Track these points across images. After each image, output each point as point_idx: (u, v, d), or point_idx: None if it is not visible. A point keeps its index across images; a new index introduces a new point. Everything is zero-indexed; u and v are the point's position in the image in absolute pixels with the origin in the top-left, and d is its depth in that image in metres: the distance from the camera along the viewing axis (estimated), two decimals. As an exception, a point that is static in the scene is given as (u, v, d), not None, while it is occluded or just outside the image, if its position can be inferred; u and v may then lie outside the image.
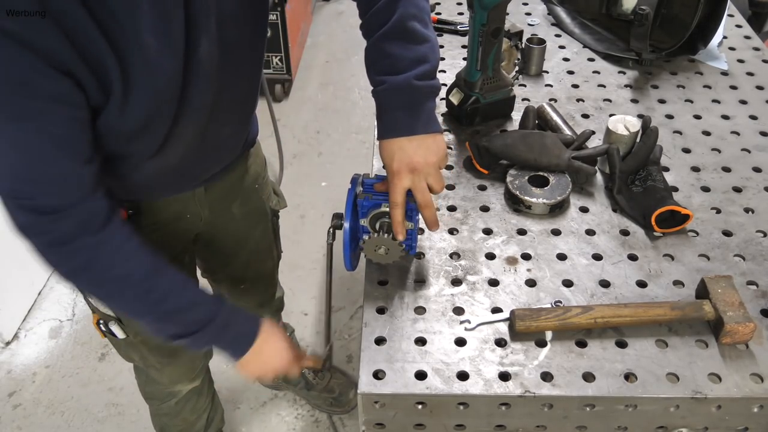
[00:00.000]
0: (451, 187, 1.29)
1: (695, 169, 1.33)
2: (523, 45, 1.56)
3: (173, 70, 0.91)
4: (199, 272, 1.56)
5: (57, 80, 0.80)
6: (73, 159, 0.89)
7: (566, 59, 1.65)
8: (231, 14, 0.96)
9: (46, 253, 0.95)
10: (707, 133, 1.42)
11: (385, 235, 1.06)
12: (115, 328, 1.32)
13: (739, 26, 1.80)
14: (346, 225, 1.06)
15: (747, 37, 1.75)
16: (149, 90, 0.90)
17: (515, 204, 1.24)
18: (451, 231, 1.20)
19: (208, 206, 1.30)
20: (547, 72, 1.60)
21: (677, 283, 1.11)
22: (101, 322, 1.33)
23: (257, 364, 1.14)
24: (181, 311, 1.04)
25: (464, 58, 1.42)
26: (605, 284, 1.11)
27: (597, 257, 1.15)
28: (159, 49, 0.87)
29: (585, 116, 1.47)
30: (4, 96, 0.79)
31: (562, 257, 1.15)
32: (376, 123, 1.06)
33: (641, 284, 1.10)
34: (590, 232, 1.20)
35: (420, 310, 1.07)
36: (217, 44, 0.96)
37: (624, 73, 1.61)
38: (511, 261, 1.14)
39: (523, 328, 1.01)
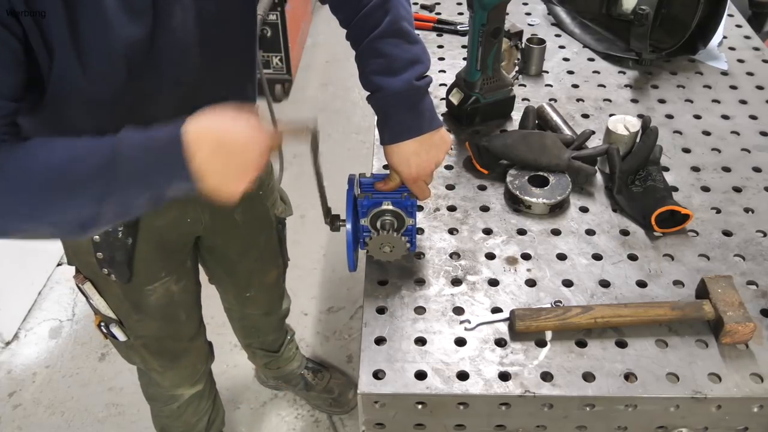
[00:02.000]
0: (451, 187, 1.29)
1: (695, 169, 1.33)
2: (523, 45, 1.56)
3: (136, 34, 0.87)
4: (206, 280, 1.55)
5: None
6: None
7: (566, 59, 1.65)
8: None
9: None
10: (707, 133, 1.42)
11: (389, 232, 1.06)
12: (116, 331, 1.31)
13: (739, 26, 1.80)
14: (349, 226, 1.07)
15: (747, 37, 1.75)
16: (109, 51, 0.85)
17: (515, 204, 1.24)
18: (451, 231, 1.20)
19: (208, 211, 1.28)
20: (547, 72, 1.60)
21: (677, 283, 1.11)
22: (102, 324, 1.32)
23: (231, 172, 0.83)
24: (71, 165, 0.80)
25: (464, 58, 1.42)
26: (605, 284, 1.11)
27: (597, 257, 1.15)
28: (120, 8, 0.83)
29: (585, 116, 1.47)
30: None
31: (562, 257, 1.15)
32: (377, 129, 1.06)
33: (641, 284, 1.10)
34: (590, 232, 1.20)
35: (420, 310, 1.07)
36: (194, 16, 0.93)
37: (624, 73, 1.61)
38: (511, 261, 1.14)
39: (523, 328, 1.01)
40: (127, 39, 0.86)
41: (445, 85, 1.49)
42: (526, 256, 1.15)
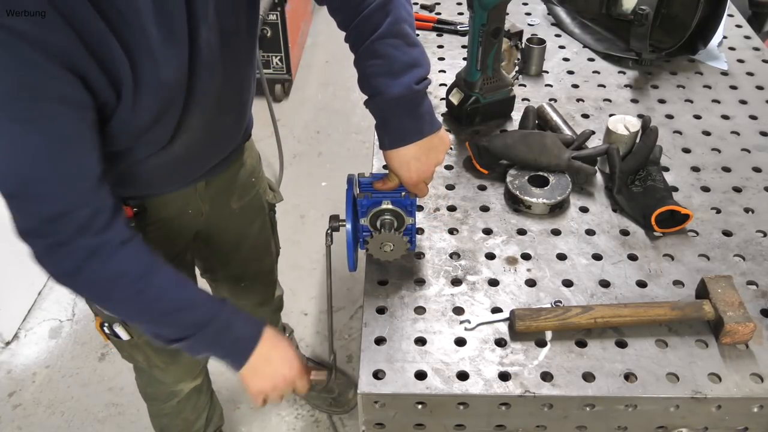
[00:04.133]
0: (451, 187, 1.29)
1: (695, 169, 1.33)
2: (523, 45, 1.56)
3: (180, 62, 0.91)
4: (198, 273, 1.56)
5: (66, 82, 0.80)
6: (78, 162, 0.87)
7: (566, 59, 1.65)
8: (227, 1, 0.97)
9: (42, 256, 0.93)
10: (707, 133, 1.42)
11: (389, 231, 1.06)
12: (119, 330, 1.31)
13: (739, 26, 1.80)
14: (348, 226, 1.07)
15: (747, 37, 1.75)
16: (158, 83, 0.90)
17: (515, 204, 1.24)
18: (451, 231, 1.20)
19: (208, 201, 1.31)
20: (547, 72, 1.60)
21: (677, 283, 1.11)
22: (105, 324, 1.32)
23: (265, 374, 1.08)
24: (176, 311, 1.01)
25: (464, 58, 1.42)
26: (605, 284, 1.11)
27: (597, 257, 1.15)
28: (163, 41, 0.87)
29: (585, 116, 1.47)
30: (13, 97, 0.78)
31: (562, 257, 1.15)
32: (376, 133, 1.06)
33: (641, 284, 1.10)
34: (590, 232, 1.20)
35: (420, 310, 1.07)
36: (217, 32, 0.96)
37: (624, 73, 1.61)
38: (511, 261, 1.14)
39: (523, 328, 1.01)
40: (173, 66, 0.90)
41: (445, 85, 1.49)
42: (526, 256, 1.15)
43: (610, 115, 1.34)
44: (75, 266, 0.93)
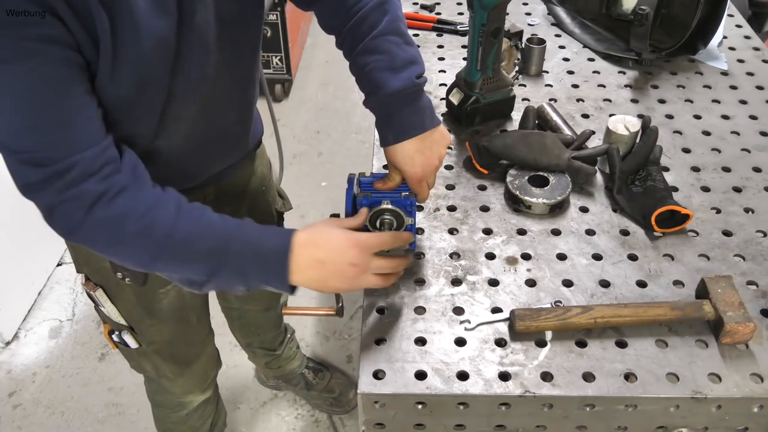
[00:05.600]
0: (451, 187, 1.29)
1: (695, 169, 1.33)
2: (523, 45, 1.56)
3: (163, 32, 0.87)
4: None
5: (47, 22, 0.76)
6: (71, 104, 0.82)
7: (566, 59, 1.65)
8: None
9: (51, 211, 0.86)
10: (707, 133, 1.42)
11: (388, 231, 1.06)
12: (128, 338, 1.30)
13: (739, 26, 1.80)
14: None
15: (747, 37, 1.75)
16: (138, 51, 0.85)
17: (515, 204, 1.24)
18: (451, 231, 1.20)
19: (217, 209, 1.29)
20: (547, 72, 1.60)
21: (677, 283, 1.11)
22: (113, 332, 1.31)
23: (332, 276, 0.94)
24: (188, 242, 0.90)
25: (464, 58, 1.42)
26: (605, 284, 1.11)
27: (597, 257, 1.15)
28: (147, 8, 0.84)
29: (585, 116, 1.47)
30: None
31: (562, 257, 1.15)
32: (377, 130, 1.06)
33: (641, 284, 1.10)
34: (590, 232, 1.20)
35: (420, 310, 1.07)
36: (214, 15, 0.95)
37: (624, 73, 1.61)
38: (511, 261, 1.15)
39: (523, 328, 1.01)
40: (155, 35, 0.87)
41: (445, 85, 1.49)
42: (526, 256, 1.15)
43: (610, 115, 1.34)
44: (83, 213, 0.86)
